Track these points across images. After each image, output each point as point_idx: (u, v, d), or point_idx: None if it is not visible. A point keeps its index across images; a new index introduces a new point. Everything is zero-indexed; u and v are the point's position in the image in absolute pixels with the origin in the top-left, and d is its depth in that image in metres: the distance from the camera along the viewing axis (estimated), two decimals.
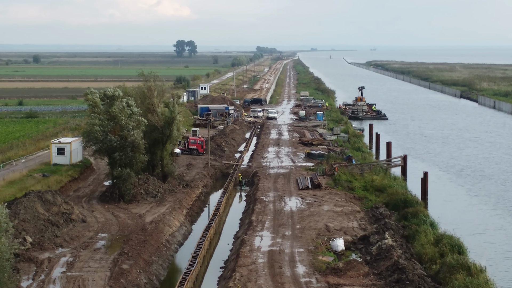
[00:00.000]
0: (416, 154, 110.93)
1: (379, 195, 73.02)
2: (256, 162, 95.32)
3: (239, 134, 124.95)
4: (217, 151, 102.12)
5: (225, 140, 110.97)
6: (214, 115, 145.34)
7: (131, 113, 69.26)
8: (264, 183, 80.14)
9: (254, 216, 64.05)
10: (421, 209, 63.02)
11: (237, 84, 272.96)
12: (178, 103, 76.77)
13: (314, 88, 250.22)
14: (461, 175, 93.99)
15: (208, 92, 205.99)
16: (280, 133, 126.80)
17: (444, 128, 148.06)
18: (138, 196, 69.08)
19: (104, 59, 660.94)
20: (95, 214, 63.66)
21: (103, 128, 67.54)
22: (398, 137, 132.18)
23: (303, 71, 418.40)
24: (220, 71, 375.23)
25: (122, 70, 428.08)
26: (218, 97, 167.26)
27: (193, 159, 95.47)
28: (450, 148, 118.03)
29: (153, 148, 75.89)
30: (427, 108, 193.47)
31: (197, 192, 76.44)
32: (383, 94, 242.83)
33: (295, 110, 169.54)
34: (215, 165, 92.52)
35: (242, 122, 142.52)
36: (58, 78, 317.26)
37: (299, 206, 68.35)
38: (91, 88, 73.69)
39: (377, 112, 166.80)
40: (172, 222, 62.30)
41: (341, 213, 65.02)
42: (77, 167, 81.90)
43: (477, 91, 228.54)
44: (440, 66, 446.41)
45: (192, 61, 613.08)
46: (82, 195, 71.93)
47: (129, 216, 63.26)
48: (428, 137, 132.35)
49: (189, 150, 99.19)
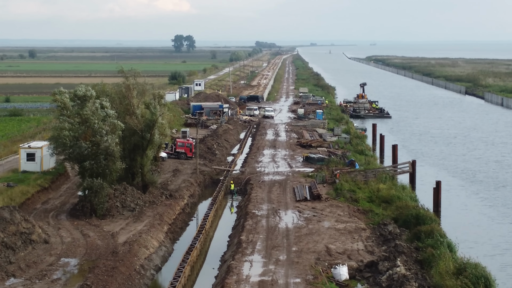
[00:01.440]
0: (423, 156, 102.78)
1: (386, 208, 64.85)
2: (249, 167, 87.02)
3: (233, 135, 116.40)
4: (207, 154, 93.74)
5: (217, 141, 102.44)
6: (207, 113, 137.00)
7: (105, 115, 61.01)
8: (257, 193, 71.85)
9: (244, 235, 55.77)
10: (436, 227, 54.74)
11: (234, 80, 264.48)
12: (160, 103, 68.25)
13: (314, 84, 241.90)
14: (473, 182, 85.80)
15: (203, 88, 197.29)
16: (277, 134, 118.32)
17: (451, 127, 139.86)
18: (113, 210, 60.73)
19: (102, 54, 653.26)
20: (61, 233, 55.34)
21: (73, 133, 59.29)
22: (402, 137, 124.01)
23: (302, 66, 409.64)
24: (217, 66, 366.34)
25: (118, 66, 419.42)
26: (212, 94, 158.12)
27: (180, 164, 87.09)
28: (459, 150, 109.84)
29: (133, 154, 67.53)
30: (431, 105, 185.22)
31: (182, 203, 68.14)
32: (384, 90, 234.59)
33: (293, 107, 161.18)
34: (205, 171, 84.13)
35: (237, 121, 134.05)
36: (51, 73, 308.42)
37: (296, 222, 60.03)
38: (60, 86, 65.53)
39: (379, 110, 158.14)
40: (150, 242, 54.05)
41: (344, 231, 56.74)
42: (49, 175, 73.16)
43: (482, 88, 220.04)
44: (442, 61, 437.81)
45: (190, 56, 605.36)
46: (51, 208, 63.59)
47: (100, 235, 54.97)
48: (435, 137, 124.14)
49: (176, 153, 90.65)
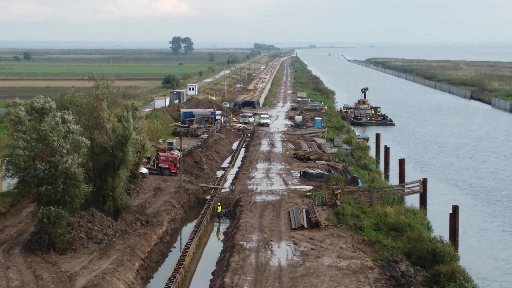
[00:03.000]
0: (429, 169, 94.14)
1: (395, 238, 56.00)
2: (240, 185, 78.01)
3: (225, 145, 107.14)
4: (194, 169, 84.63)
5: (205, 154, 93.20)
6: (198, 121, 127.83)
7: (67, 131, 52.06)
8: (247, 218, 62.82)
9: (228, 276, 46.73)
10: (458, 268, 45.79)
11: (230, 83, 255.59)
12: (135, 116, 59.22)
13: (312, 88, 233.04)
14: (490, 201, 76.84)
15: (196, 93, 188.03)
16: (272, 144, 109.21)
17: (458, 135, 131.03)
18: (76, 243, 51.68)
19: (98, 56, 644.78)
20: (10, 274, 46.20)
21: (28, 152, 50.37)
22: (407, 147, 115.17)
23: (301, 69, 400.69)
24: (214, 69, 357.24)
25: (114, 68, 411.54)
26: (204, 100, 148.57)
27: (163, 181, 78.01)
28: (469, 162, 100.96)
29: (104, 175, 58.57)
30: (436, 111, 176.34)
31: (160, 231, 59.11)
32: (386, 95, 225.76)
33: (290, 114, 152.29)
34: (190, 190, 75.04)
35: (230, 129, 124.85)
36: (44, 76, 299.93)
37: (291, 258, 50.98)
38: (16, 98, 56.60)
39: (382, 116, 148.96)
40: (115, 286, 45.09)
41: (348, 271, 47.70)
42: (9, 197, 64.11)
43: (488, 92, 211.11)
44: (444, 63, 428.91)
45: (187, 58, 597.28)
46: (4, 240, 54.53)
47: (55, 276, 45.89)
48: (442, 147, 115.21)
49: (159, 169, 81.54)
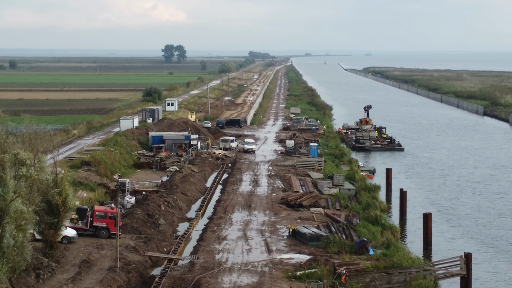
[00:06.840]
0: (455, 218, 72.89)
1: None
2: (205, 252, 56.08)
3: (196, 183, 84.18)
4: (145, 225, 62.37)
5: (166, 200, 70.71)
6: (169, 147, 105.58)
7: None
8: None
9: None
10: None
11: (218, 96, 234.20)
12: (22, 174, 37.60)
13: (307, 102, 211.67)
14: None
15: (176, 108, 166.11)
16: (255, 181, 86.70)
17: (479, 162, 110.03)
18: None
19: (88, 65, 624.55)
20: None
21: None
22: (422, 182, 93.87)
23: (295, 79, 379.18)
24: (203, 79, 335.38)
25: (100, 77, 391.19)
26: (179, 121, 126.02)
27: (97, 249, 55.74)
28: (501, 205, 79.70)
29: None
30: (446, 130, 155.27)
31: None
32: (388, 109, 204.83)
33: (281, 135, 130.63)
34: (132, 262, 52.97)
35: (207, 158, 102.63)
36: (21, 87, 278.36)
37: None
38: None
39: (389, 139, 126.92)
40: None
41: None
42: None
43: (503, 107, 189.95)
44: (445, 73, 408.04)
45: (179, 66, 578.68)
46: None
47: None
48: (463, 181, 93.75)
49: (94, 229, 59.37)
